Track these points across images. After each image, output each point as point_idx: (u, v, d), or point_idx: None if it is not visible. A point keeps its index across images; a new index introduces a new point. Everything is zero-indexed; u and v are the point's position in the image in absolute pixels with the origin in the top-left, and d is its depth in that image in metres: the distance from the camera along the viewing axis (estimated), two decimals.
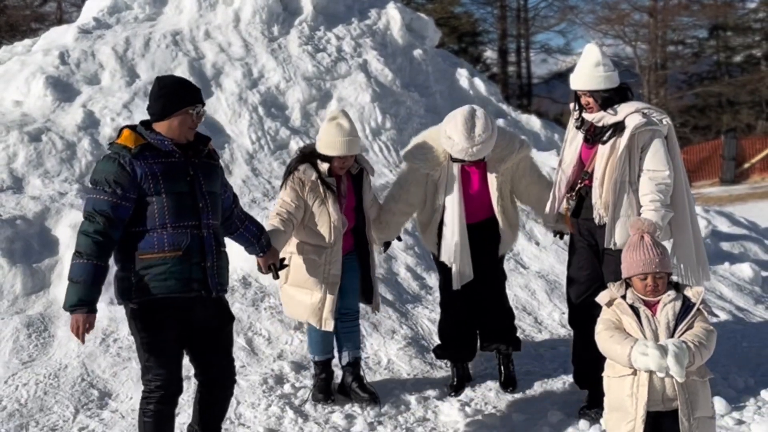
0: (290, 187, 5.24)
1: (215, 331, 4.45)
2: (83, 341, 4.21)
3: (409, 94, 9.94)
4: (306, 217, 5.27)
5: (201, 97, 4.37)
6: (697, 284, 5.09)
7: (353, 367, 5.57)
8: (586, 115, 5.15)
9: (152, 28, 9.96)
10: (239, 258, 6.94)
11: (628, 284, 4.39)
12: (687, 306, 4.29)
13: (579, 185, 5.22)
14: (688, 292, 4.36)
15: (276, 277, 5.01)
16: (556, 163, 8.92)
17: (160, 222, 4.21)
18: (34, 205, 7.37)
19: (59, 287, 6.70)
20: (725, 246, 8.67)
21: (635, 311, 4.28)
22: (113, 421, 5.37)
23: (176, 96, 4.26)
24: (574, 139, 5.28)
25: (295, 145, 9.03)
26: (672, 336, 4.23)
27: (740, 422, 5.17)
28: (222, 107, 9.20)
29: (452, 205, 5.44)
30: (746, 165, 30.79)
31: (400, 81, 9.96)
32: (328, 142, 5.21)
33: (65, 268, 6.80)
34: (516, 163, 5.51)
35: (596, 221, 5.15)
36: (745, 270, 7.97)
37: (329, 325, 5.29)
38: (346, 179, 5.42)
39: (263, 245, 4.90)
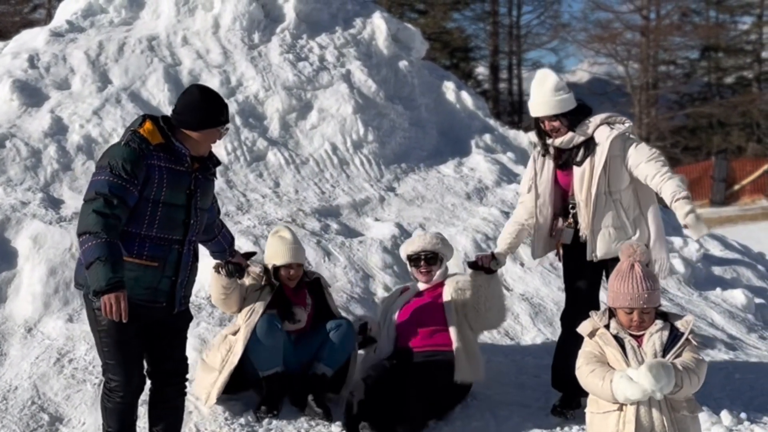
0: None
1: (173, 329, 4.44)
2: (126, 318, 4.01)
3: (393, 107, 9.64)
4: (241, 302, 5.45)
5: (227, 117, 4.40)
6: (664, 277, 5.20)
7: (317, 381, 5.36)
8: (555, 141, 5.11)
9: (128, 32, 9.61)
10: (209, 275, 6.64)
11: (612, 313, 4.09)
12: (675, 335, 4.01)
13: (572, 212, 5.16)
14: (677, 322, 4.08)
15: (242, 276, 5.18)
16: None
17: (146, 230, 4.18)
18: None
19: (15, 302, 6.38)
20: (717, 270, 8.36)
21: (620, 342, 3.99)
22: None
23: (216, 112, 4.28)
24: (542, 169, 5.21)
25: (273, 157, 8.71)
26: None
27: None
28: None
29: None
30: (736, 187, 30.71)
31: (384, 93, 9.65)
32: (272, 253, 5.57)
33: (23, 281, 6.47)
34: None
35: (582, 239, 5.11)
36: (737, 296, 7.66)
37: (211, 402, 5.23)
38: (298, 288, 5.62)
39: (233, 250, 5.05)
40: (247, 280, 5.47)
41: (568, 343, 5.20)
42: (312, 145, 9.00)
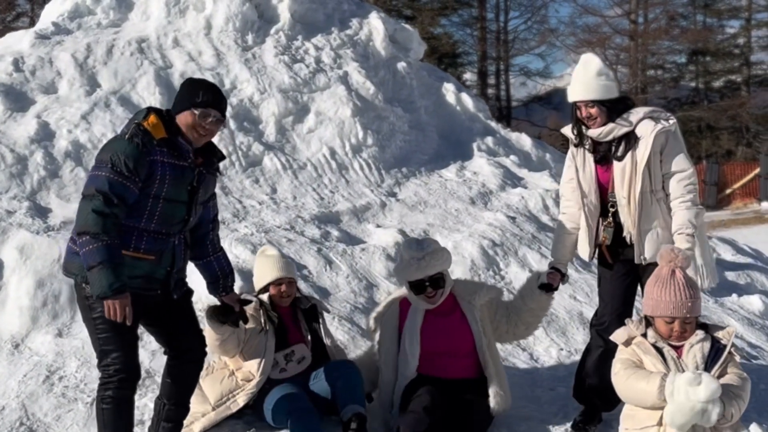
0: None
1: (178, 308, 4.38)
2: (130, 321, 4.01)
3: (393, 109, 9.36)
4: (241, 346, 4.98)
5: (219, 104, 4.21)
6: (706, 286, 4.90)
7: (361, 421, 4.72)
8: (591, 132, 4.78)
9: (116, 34, 9.29)
10: (204, 285, 6.32)
11: (648, 322, 3.82)
12: (717, 348, 3.73)
13: (612, 210, 4.84)
14: (717, 333, 3.80)
15: (236, 324, 4.72)
16: (547, 184, 8.39)
17: (145, 224, 4.12)
18: None
19: (2, 316, 6.06)
20: (730, 276, 8.09)
21: (659, 351, 3.72)
22: None
23: (188, 94, 4.17)
24: (584, 164, 4.90)
25: (269, 161, 8.39)
26: None
27: None
28: None
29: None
30: (728, 191, 30.63)
31: (382, 95, 9.37)
32: (260, 274, 5.24)
33: (10, 294, 6.14)
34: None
35: (627, 241, 4.79)
36: (754, 302, 7.38)
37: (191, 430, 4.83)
38: (293, 316, 5.21)
39: (228, 285, 4.66)
40: (250, 319, 4.99)
41: (598, 352, 4.93)
42: (309, 149, 8.70)
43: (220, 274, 4.60)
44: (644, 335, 3.80)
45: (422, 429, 4.50)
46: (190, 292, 4.55)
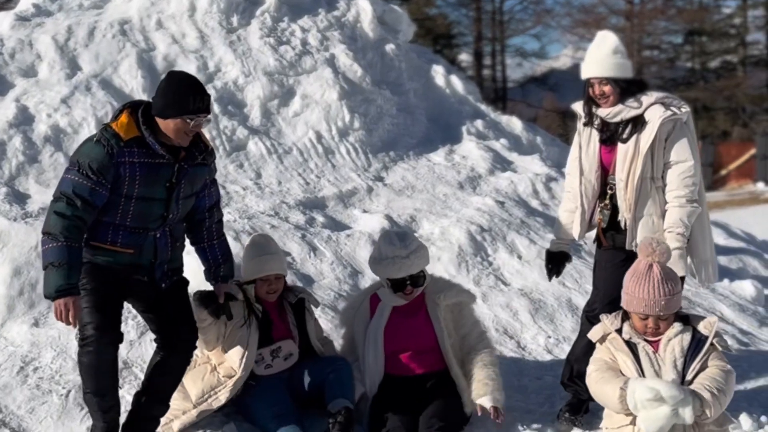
0: None
1: (168, 294, 4.39)
2: (75, 325, 4.04)
3: (381, 92, 9.20)
4: (222, 339, 4.82)
5: (207, 106, 4.16)
6: (708, 283, 4.83)
7: (347, 415, 4.61)
8: (601, 111, 4.69)
9: (98, 16, 9.10)
10: (186, 271, 6.20)
11: (626, 315, 3.70)
12: (698, 340, 3.62)
13: (609, 192, 4.77)
14: (698, 324, 3.68)
15: (215, 315, 4.64)
16: (538, 168, 8.28)
17: (120, 221, 4.17)
18: None
19: None
20: (722, 260, 7.97)
21: (632, 348, 3.60)
22: None
23: (179, 100, 4.07)
24: (589, 143, 4.82)
25: (254, 146, 8.24)
26: (682, 377, 3.56)
27: None
28: None
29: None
30: (723, 172, 30.56)
31: (370, 77, 9.20)
32: (248, 267, 4.97)
33: None
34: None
35: (621, 225, 4.71)
36: (746, 288, 7.28)
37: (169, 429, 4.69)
38: (280, 310, 5.04)
39: (219, 274, 4.64)
40: (233, 311, 4.85)
41: (587, 339, 4.83)
42: (295, 133, 8.54)
43: (212, 263, 4.62)
44: (621, 330, 3.68)
45: None
46: (185, 282, 4.53)
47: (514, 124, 9.94)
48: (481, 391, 4.64)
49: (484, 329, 5.04)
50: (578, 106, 4.86)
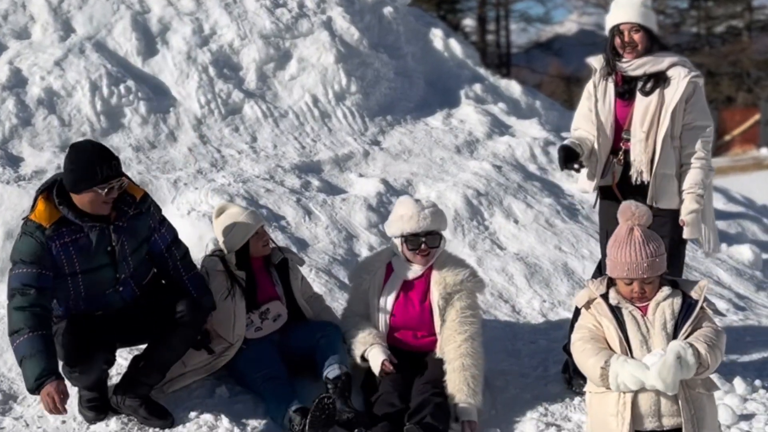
0: None
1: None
2: (65, 411, 4.01)
3: (378, 56, 9.10)
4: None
5: (117, 169, 4.14)
6: (714, 253, 4.82)
7: (346, 381, 4.56)
8: (622, 64, 4.61)
9: None
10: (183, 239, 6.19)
11: (612, 281, 3.66)
12: (689, 304, 3.57)
13: (623, 148, 4.70)
14: (688, 288, 3.63)
15: (198, 348, 4.66)
16: (536, 132, 8.17)
17: (73, 302, 4.28)
18: None
19: None
20: (721, 225, 7.90)
21: (616, 313, 3.55)
22: (15, 431, 4.53)
23: (86, 173, 4.07)
24: (605, 96, 4.73)
25: (249, 110, 8.17)
26: (674, 338, 3.52)
27: None
28: (168, 67, 8.30)
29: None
30: (727, 137, 30.39)
31: (367, 41, 9.10)
32: (236, 233, 4.85)
33: None
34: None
35: (633, 180, 4.65)
36: (744, 252, 7.24)
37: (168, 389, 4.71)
38: (266, 272, 4.97)
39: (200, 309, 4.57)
40: (214, 284, 4.81)
41: None
42: (291, 97, 8.47)
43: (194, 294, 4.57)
44: (606, 295, 3.63)
45: (393, 409, 4.47)
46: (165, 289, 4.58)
47: (513, 88, 9.86)
48: (456, 398, 4.53)
49: (474, 315, 4.82)
50: (594, 60, 4.78)
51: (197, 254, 5.88)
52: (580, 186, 4.97)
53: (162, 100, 7.99)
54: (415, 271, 4.82)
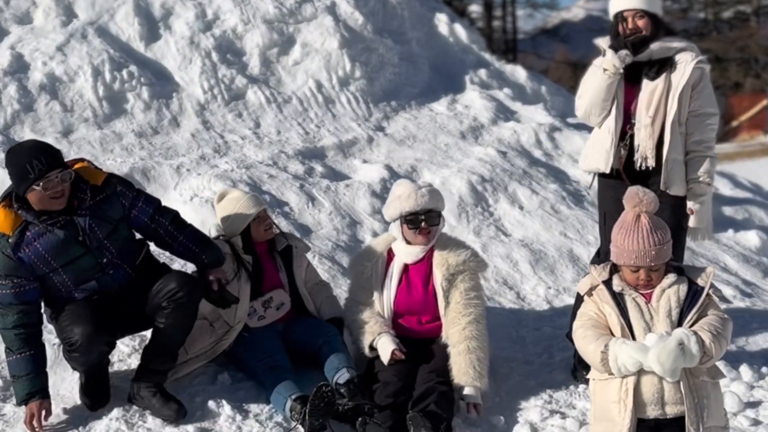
0: None
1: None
2: (41, 429, 4.19)
3: (382, 41, 9.04)
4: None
5: (52, 162, 4.06)
6: (705, 239, 4.74)
7: (352, 386, 4.48)
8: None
9: None
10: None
11: (616, 267, 3.60)
12: (695, 291, 3.51)
13: (630, 132, 4.60)
14: (694, 275, 3.58)
15: (225, 304, 4.52)
16: (541, 118, 8.10)
17: (65, 290, 4.25)
18: None
19: None
20: (728, 211, 7.87)
21: (618, 301, 3.50)
22: (15, 418, 4.48)
23: (20, 174, 4.04)
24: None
25: (253, 95, 8.12)
26: (678, 326, 3.47)
27: (756, 422, 4.41)
28: (171, 52, 8.25)
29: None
30: (735, 123, 30.25)
31: (371, 26, 9.04)
32: (236, 217, 4.81)
33: None
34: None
35: (637, 165, 4.55)
36: (751, 238, 7.18)
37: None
38: (270, 258, 4.92)
39: (203, 262, 4.51)
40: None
41: None
42: (295, 82, 8.42)
43: (190, 257, 4.53)
44: (609, 281, 3.58)
45: (396, 398, 4.42)
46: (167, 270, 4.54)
47: (519, 73, 9.78)
48: (462, 381, 4.51)
49: (478, 297, 4.77)
50: (603, 41, 4.66)
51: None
52: (599, 165, 4.74)
53: (165, 85, 7.95)
54: (416, 254, 4.76)
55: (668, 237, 3.47)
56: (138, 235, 4.54)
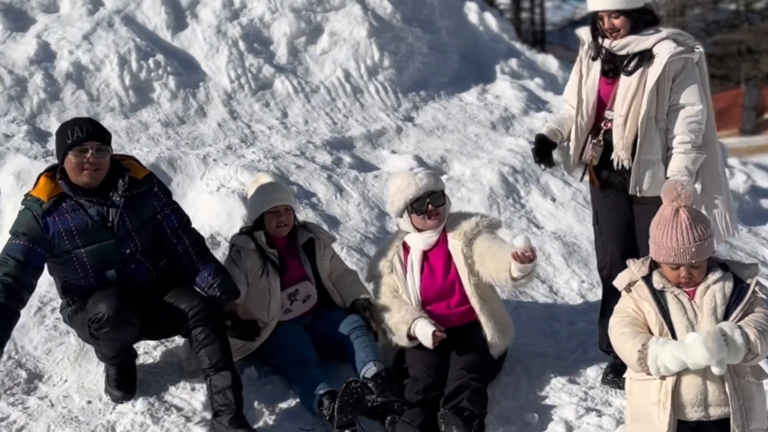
0: (228, 259, 4.82)
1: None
2: None
3: (411, 30, 8.91)
4: (248, 291, 4.69)
5: (92, 134, 4.16)
6: (726, 237, 4.49)
7: (380, 380, 4.37)
8: (607, 43, 4.34)
9: None
10: (208, 213, 6.08)
11: (655, 263, 3.45)
12: (741, 288, 3.36)
13: (603, 128, 4.43)
14: (740, 271, 3.42)
15: (250, 336, 4.46)
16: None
17: (83, 274, 4.25)
18: None
19: None
20: (766, 204, 7.67)
21: (658, 298, 3.35)
22: (39, 411, 4.45)
23: (61, 139, 4.19)
24: (589, 73, 4.46)
25: (280, 84, 8.02)
26: None
27: None
28: (198, 41, 8.17)
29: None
30: (767, 115, 29.80)
31: (400, 14, 8.92)
32: (253, 204, 4.82)
33: (5, 222, 5.90)
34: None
35: (615, 165, 4.39)
36: None
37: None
38: (293, 252, 4.83)
39: (215, 293, 4.40)
40: (247, 262, 4.71)
41: (608, 298, 4.58)
42: (323, 71, 8.31)
43: (204, 285, 4.43)
44: (648, 277, 3.43)
45: (427, 394, 4.33)
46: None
47: (550, 63, 9.63)
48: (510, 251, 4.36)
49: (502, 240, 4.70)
50: (584, 32, 4.49)
51: (227, 231, 5.80)
52: (564, 169, 4.72)
53: (191, 74, 7.87)
54: (430, 238, 4.70)
55: (709, 231, 3.33)
56: None
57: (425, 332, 4.46)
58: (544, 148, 4.64)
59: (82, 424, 4.32)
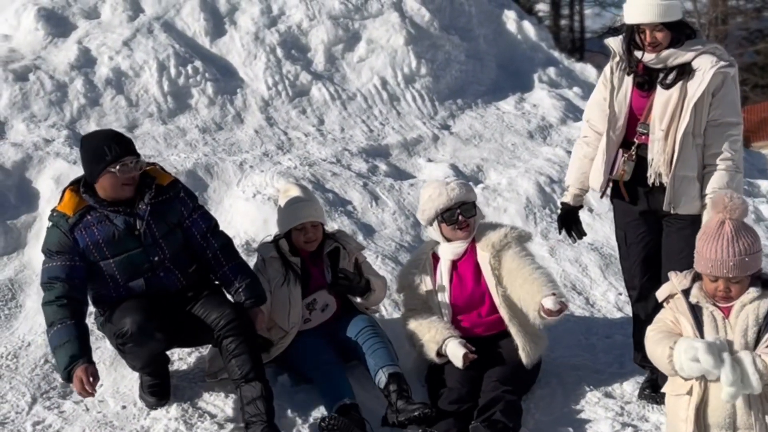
0: (255, 267, 4.79)
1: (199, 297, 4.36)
2: (94, 394, 4.05)
3: (449, 38, 8.90)
4: (271, 299, 4.66)
5: (128, 148, 4.17)
6: None
7: (392, 386, 4.34)
8: (647, 57, 4.17)
9: None
10: (244, 219, 6.10)
11: (699, 275, 3.37)
12: None
13: (637, 141, 4.26)
14: None
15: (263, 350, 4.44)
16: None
17: (112, 285, 4.25)
18: (14, 152, 6.48)
19: (35, 248, 5.85)
20: None
21: (696, 313, 3.28)
22: (75, 415, 4.47)
23: (96, 157, 4.14)
24: (621, 84, 4.29)
25: (317, 92, 8.03)
26: (755, 347, 3.24)
27: None
28: (236, 47, 8.22)
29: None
30: None
31: (438, 22, 8.91)
32: (281, 219, 4.80)
33: (44, 226, 5.94)
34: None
35: (650, 181, 4.23)
36: None
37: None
38: (316, 261, 4.79)
39: (241, 299, 4.38)
40: (270, 271, 4.70)
41: (639, 312, 4.54)
42: (360, 79, 8.32)
43: (231, 290, 4.43)
44: (688, 290, 3.36)
45: (461, 405, 4.29)
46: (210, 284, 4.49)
47: (589, 72, 9.56)
48: (541, 293, 4.38)
49: (528, 255, 4.65)
50: (615, 43, 4.32)
51: (262, 238, 5.79)
52: (591, 183, 4.51)
53: (229, 81, 7.92)
54: (459, 248, 4.68)
55: (756, 248, 3.23)
56: None
57: (456, 354, 4.43)
58: (571, 218, 4.62)
59: (116, 429, 4.33)
